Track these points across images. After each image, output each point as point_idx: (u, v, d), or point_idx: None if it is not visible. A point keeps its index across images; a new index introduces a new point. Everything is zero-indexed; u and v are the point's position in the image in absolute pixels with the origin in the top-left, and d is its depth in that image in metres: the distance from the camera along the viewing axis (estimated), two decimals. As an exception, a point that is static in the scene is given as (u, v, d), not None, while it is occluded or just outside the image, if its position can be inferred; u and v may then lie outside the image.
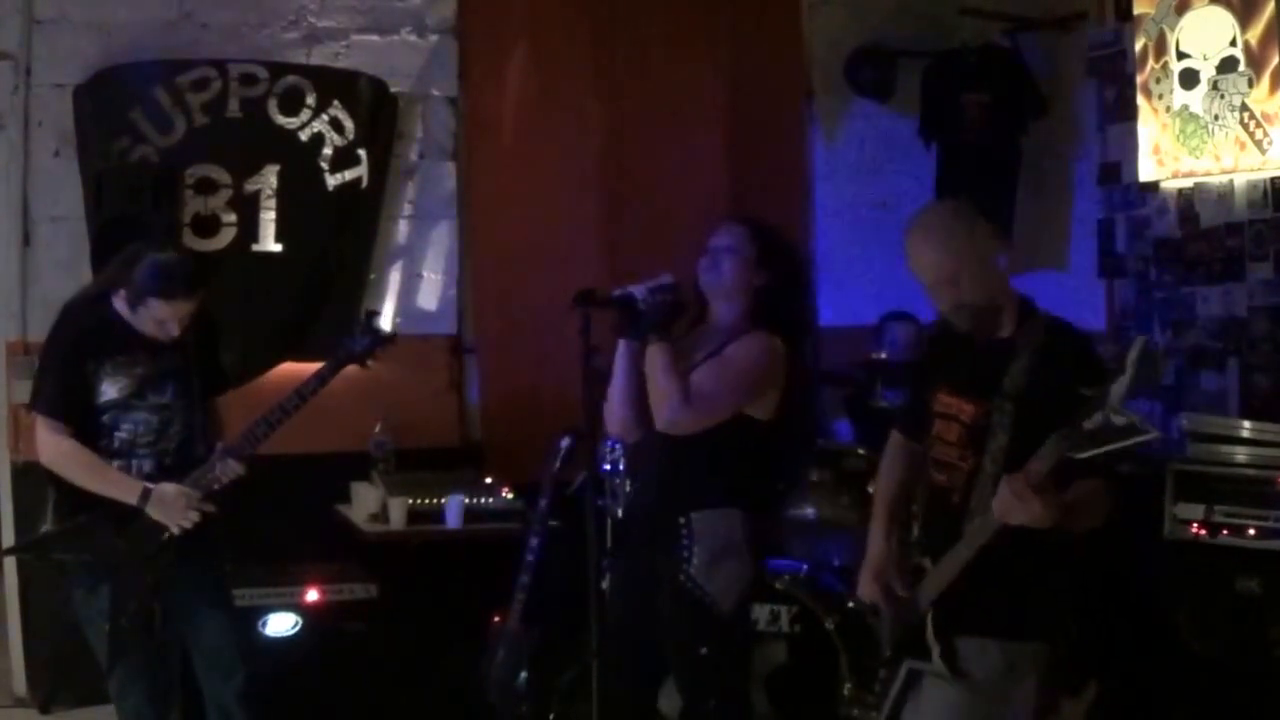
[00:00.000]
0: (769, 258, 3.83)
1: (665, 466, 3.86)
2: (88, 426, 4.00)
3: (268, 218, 5.57)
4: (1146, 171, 5.52)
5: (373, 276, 5.82)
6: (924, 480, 3.43)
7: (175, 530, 3.96)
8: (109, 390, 3.99)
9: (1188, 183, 5.39)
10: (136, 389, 4.00)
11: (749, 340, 3.76)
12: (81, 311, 4.12)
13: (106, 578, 3.95)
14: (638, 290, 3.69)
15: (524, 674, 4.92)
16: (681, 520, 3.77)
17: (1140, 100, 5.50)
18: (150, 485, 3.95)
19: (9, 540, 5.22)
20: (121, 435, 4.01)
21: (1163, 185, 5.51)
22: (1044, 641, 3.22)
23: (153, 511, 3.94)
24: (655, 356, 3.70)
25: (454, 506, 5.10)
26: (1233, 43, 5.07)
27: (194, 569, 4.08)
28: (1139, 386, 2.78)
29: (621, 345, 3.80)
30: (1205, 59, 5.19)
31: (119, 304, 4.01)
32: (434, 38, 5.89)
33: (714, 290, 3.85)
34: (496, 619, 5.01)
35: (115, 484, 3.97)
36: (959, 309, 3.23)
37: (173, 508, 3.96)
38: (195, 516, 3.97)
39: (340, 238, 5.71)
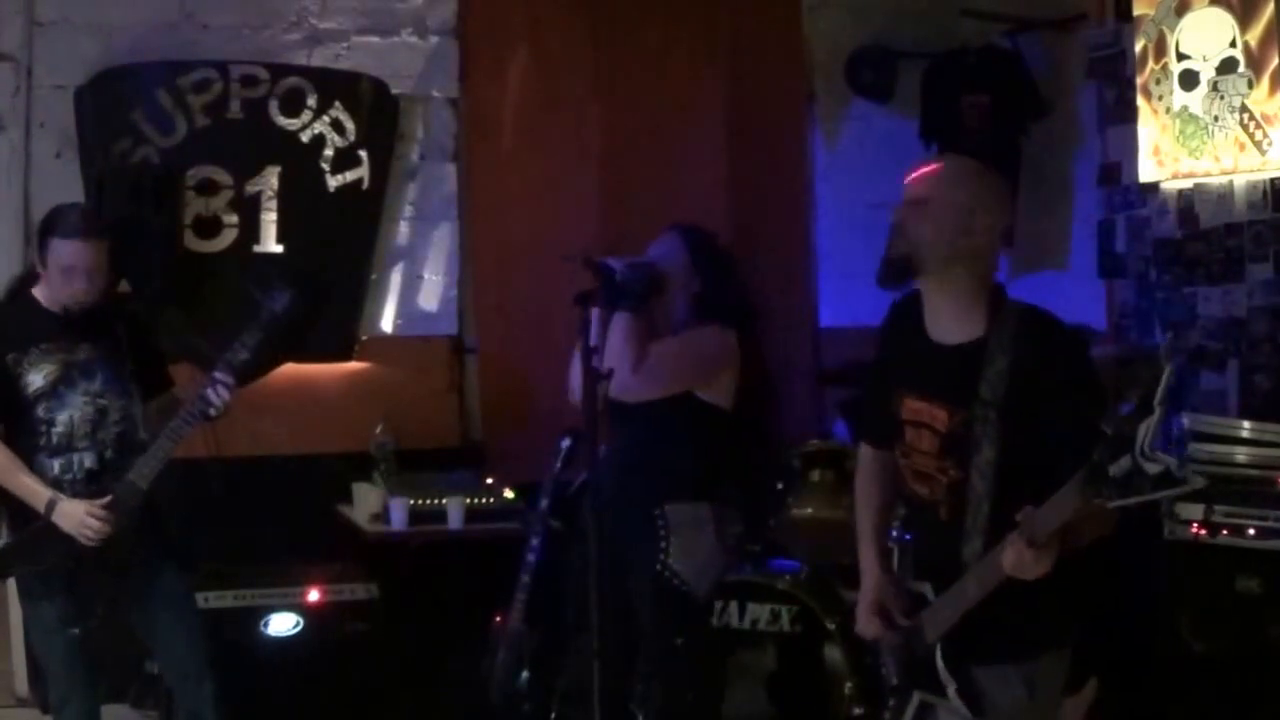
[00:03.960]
0: (702, 262, 4.02)
1: (637, 457, 3.91)
2: (23, 423, 3.97)
3: (269, 219, 5.58)
4: (1146, 172, 5.53)
5: (373, 277, 5.83)
6: (902, 491, 3.16)
7: (83, 541, 3.91)
8: (35, 379, 3.96)
9: (1188, 183, 5.39)
10: (63, 374, 3.97)
11: (705, 328, 3.96)
12: (1, 307, 4.14)
13: (62, 586, 3.94)
14: (617, 263, 3.80)
15: (525, 674, 4.93)
16: (656, 512, 3.83)
17: (1140, 101, 5.50)
18: (58, 496, 3.91)
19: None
20: (59, 430, 3.97)
21: (1163, 186, 5.51)
22: (1061, 648, 3.05)
23: (59, 522, 3.91)
24: (619, 322, 3.80)
25: (455, 507, 5.11)
26: (1232, 44, 5.07)
27: (157, 579, 4.08)
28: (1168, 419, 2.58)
29: (593, 314, 3.80)
30: (1205, 60, 5.19)
31: (38, 291, 4.01)
32: (435, 39, 5.90)
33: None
34: (497, 619, 5.01)
35: (25, 489, 3.94)
36: (897, 233, 3.00)
37: (75, 521, 3.91)
38: (97, 526, 3.90)
39: (341, 239, 5.72)
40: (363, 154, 5.71)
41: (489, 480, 5.36)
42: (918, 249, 2.99)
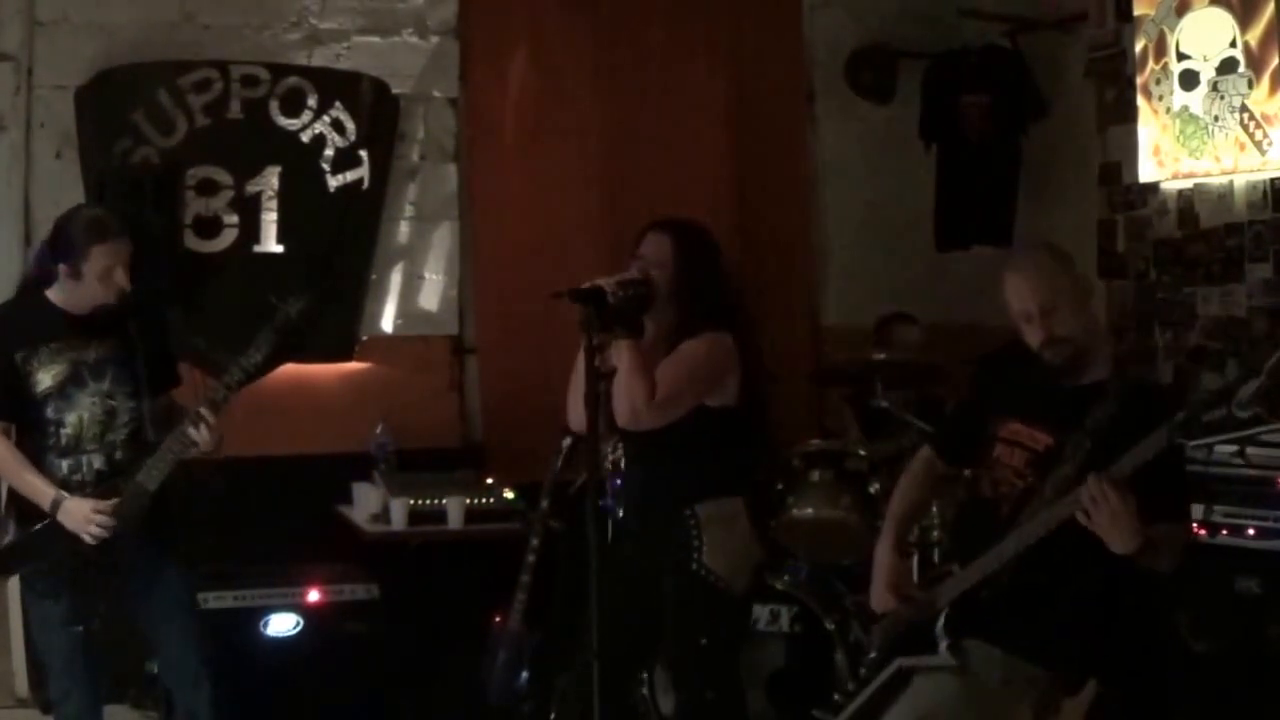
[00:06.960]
0: (691, 262, 3.87)
1: (662, 462, 3.89)
2: (33, 423, 3.97)
3: (269, 219, 5.58)
4: (1146, 172, 5.53)
5: (374, 277, 5.83)
6: (970, 492, 3.56)
7: (88, 539, 3.90)
8: (44, 379, 3.95)
9: (1188, 183, 5.39)
10: (73, 374, 3.96)
11: (700, 339, 3.82)
12: (10, 307, 4.14)
13: (66, 585, 3.94)
14: (605, 283, 3.67)
15: (524, 674, 4.93)
16: (687, 512, 3.81)
17: (1140, 101, 5.50)
18: (63, 495, 3.90)
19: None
20: (68, 430, 3.96)
21: (1163, 186, 5.52)
22: (1045, 669, 3.36)
23: (63, 520, 3.90)
24: (622, 352, 3.71)
25: (455, 507, 5.11)
26: (1232, 44, 5.07)
27: (159, 580, 4.08)
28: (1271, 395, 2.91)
29: (586, 340, 3.73)
30: (1205, 60, 5.19)
31: (52, 293, 4.00)
32: (435, 39, 5.90)
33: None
34: (497, 619, 5.01)
35: (31, 487, 3.94)
36: (1052, 343, 3.32)
37: (79, 520, 3.90)
38: (98, 530, 3.90)
39: (341, 239, 5.72)
40: (363, 154, 5.71)
41: (489, 480, 5.36)
42: (1069, 344, 3.35)
